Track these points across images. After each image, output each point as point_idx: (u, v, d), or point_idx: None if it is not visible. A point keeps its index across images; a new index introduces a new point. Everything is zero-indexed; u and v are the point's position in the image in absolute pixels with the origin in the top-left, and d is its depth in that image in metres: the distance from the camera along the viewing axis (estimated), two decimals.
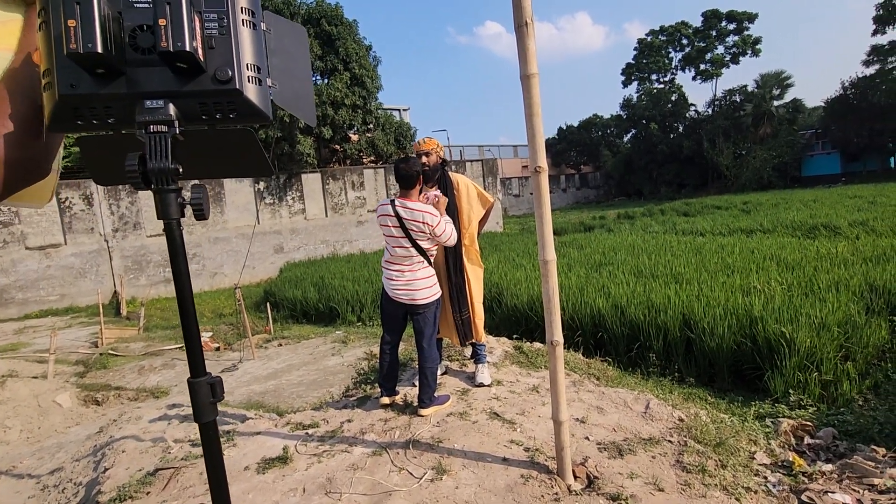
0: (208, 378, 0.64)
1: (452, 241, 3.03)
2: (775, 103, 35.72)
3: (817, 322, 5.05)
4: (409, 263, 2.98)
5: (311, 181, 19.40)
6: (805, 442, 3.14)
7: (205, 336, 10.15)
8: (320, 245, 19.48)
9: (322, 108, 18.68)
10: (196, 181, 0.65)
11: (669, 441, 2.66)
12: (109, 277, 15.34)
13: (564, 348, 5.15)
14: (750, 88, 36.96)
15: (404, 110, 31.20)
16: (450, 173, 3.47)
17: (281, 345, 8.64)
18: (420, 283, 2.98)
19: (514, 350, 4.27)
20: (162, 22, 0.55)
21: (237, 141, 0.69)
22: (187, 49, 0.55)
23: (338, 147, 21.46)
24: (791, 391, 4.36)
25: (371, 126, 21.57)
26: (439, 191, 3.32)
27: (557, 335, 2.21)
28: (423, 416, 3.07)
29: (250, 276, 16.92)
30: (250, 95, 0.62)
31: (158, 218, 0.61)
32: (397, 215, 2.90)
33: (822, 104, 35.35)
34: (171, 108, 0.60)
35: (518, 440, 2.70)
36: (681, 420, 2.92)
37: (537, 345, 4.48)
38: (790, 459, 2.65)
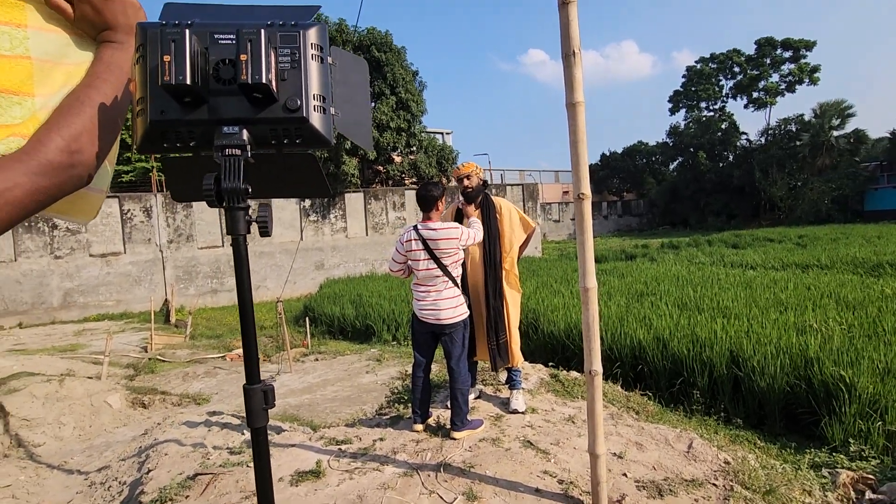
0: (262, 385, 0.68)
1: (480, 237, 3.18)
2: (835, 133, 34.00)
3: (882, 367, 4.69)
4: (434, 284, 3.04)
5: (354, 200, 19.92)
6: (866, 497, 2.90)
7: None
8: (359, 263, 19.86)
9: None
10: (262, 200, 0.71)
11: (714, 484, 2.52)
12: (162, 286, 16.13)
13: (602, 380, 5.00)
14: (807, 118, 35.43)
15: (447, 134, 31.79)
16: (493, 197, 3.53)
17: (317, 360, 8.78)
18: (445, 304, 3.03)
19: (550, 378, 4.18)
20: (243, 57, 0.61)
21: (300, 164, 0.75)
22: (264, 81, 0.61)
23: (381, 168, 22.03)
24: (851, 440, 4.04)
25: (414, 149, 22.06)
26: (481, 213, 3.38)
27: (597, 365, 2.17)
28: (455, 438, 3.04)
29: (291, 290, 17.39)
30: (315, 123, 0.67)
31: (228, 233, 0.66)
32: (422, 238, 3.00)
33: (888, 135, 33.35)
34: (245, 134, 0.66)
35: (552, 471, 2.62)
36: (727, 463, 2.76)
37: (574, 374, 4.37)
38: None
